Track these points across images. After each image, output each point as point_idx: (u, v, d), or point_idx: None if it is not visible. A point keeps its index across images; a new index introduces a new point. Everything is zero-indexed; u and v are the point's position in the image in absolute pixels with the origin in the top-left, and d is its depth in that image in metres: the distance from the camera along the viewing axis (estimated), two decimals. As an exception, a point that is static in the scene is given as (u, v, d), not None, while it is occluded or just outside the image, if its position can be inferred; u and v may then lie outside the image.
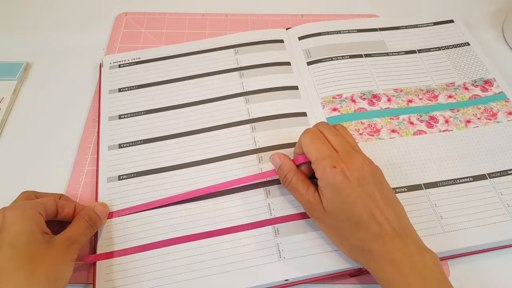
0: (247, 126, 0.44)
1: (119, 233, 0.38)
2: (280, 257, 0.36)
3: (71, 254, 0.32)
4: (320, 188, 0.34)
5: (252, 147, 0.43)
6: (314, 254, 0.36)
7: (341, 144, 0.35)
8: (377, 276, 0.32)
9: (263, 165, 0.41)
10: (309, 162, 0.35)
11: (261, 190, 0.40)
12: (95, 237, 0.38)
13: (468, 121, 0.45)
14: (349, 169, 0.32)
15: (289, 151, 0.42)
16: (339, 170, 0.32)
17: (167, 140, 0.44)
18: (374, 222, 0.31)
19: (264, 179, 0.40)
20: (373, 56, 0.50)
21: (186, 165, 0.42)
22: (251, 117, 0.45)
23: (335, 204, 0.33)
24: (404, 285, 0.30)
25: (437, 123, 0.45)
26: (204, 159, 0.42)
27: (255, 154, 0.42)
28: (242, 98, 0.47)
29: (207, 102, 0.47)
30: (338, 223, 0.33)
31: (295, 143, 0.41)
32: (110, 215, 0.39)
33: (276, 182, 0.40)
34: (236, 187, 0.40)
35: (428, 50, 0.51)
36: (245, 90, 0.47)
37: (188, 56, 0.51)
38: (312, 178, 0.36)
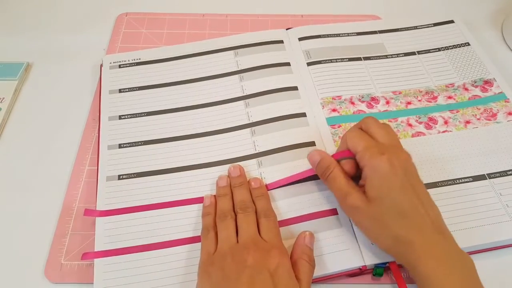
0: (247, 130, 0.44)
1: (118, 231, 0.38)
2: None
3: None
4: (366, 176, 0.33)
5: (252, 151, 0.43)
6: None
7: (387, 136, 0.35)
8: (413, 269, 0.31)
9: (263, 170, 0.41)
10: (349, 158, 0.35)
11: None
12: (94, 236, 0.38)
13: (468, 122, 0.45)
14: (396, 158, 0.33)
15: (289, 154, 0.42)
16: (386, 157, 0.33)
17: (167, 143, 0.44)
18: (417, 213, 0.32)
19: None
20: (372, 59, 0.50)
21: (186, 168, 0.42)
22: (251, 121, 0.45)
23: (382, 190, 0.33)
24: (441, 282, 0.30)
25: (436, 124, 0.45)
26: (204, 163, 0.42)
27: (255, 159, 0.42)
28: (242, 102, 0.47)
29: (207, 106, 0.46)
30: (381, 212, 0.33)
31: (295, 145, 0.42)
32: (110, 213, 0.39)
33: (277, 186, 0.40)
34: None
35: (428, 51, 0.51)
36: (245, 94, 0.47)
37: (189, 58, 0.51)
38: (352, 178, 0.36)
